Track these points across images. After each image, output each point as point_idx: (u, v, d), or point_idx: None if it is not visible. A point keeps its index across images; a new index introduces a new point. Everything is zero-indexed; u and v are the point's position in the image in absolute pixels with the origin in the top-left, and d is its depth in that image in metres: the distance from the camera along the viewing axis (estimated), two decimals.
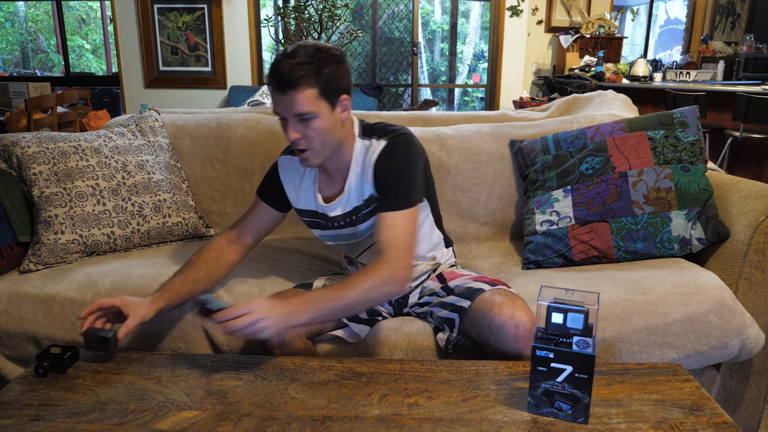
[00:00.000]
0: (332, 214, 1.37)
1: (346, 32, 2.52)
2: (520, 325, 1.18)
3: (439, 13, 8.23)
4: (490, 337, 1.22)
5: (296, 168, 1.40)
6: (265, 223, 1.44)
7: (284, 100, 1.17)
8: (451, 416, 0.98)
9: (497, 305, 1.22)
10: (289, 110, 1.18)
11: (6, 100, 4.43)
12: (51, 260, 1.62)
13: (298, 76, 1.14)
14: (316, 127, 1.20)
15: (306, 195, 1.40)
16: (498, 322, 1.20)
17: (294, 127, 1.20)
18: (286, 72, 1.14)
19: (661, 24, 8.97)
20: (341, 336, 1.36)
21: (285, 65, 1.15)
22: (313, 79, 1.16)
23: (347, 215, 1.36)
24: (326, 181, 1.38)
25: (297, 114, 1.18)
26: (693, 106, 1.73)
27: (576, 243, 1.60)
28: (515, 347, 1.18)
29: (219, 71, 5.56)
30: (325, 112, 1.20)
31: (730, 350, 1.35)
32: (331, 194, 1.37)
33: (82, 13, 9.05)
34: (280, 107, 1.19)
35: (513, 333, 1.18)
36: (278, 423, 0.96)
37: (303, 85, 1.15)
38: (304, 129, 1.20)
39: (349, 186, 1.33)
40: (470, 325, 1.28)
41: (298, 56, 1.15)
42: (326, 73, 1.17)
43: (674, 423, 0.95)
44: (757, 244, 1.40)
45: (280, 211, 1.44)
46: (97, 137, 1.83)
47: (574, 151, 1.73)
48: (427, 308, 1.41)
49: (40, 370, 1.11)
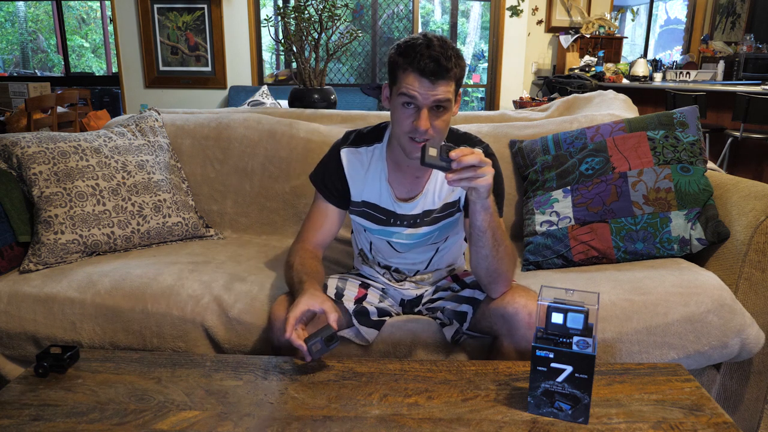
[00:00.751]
0: (403, 212, 1.36)
1: (346, 32, 2.51)
2: (533, 314, 1.19)
3: (439, 13, 8.23)
4: (503, 327, 1.22)
5: (361, 161, 1.37)
6: (335, 228, 1.41)
7: (430, 88, 1.15)
8: (451, 416, 0.98)
9: (510, 295, 1.23)
10: (430, 98, 1.16)
11: (6, 100, 4.43)
12: (51, 260, 1.62)
13: (451, 66, 1.15)
14: (446, 118, 1.20)
15: (372, 188, 1.37)
16: (511, 310, 1.21)
17: (427, 117, 1.18)
18: (444, 61, 1.14)
19: (661, 24, 8.97)
20: (348, 337, 1.36)
21: (438, 53, 1.14)
22: (457, 70, 1.17)
23: (418, 216, 1.36)
24: (398, 178, 1.35)
25: (437, 102, 1.16)
26: (693, 106, 1.73)
27: (576, 243, 1.60)
28: (527, 336, 1.19)
29: (219, 71, 5.56)
30: (452, 106, 1.21)
31: (730, 350, 1.35)
32: (404, 192, 1.36)
33: (82, 12, 9.05)
34: (422, 95, 1.16)
35: (526, 321, 1.19)
36: (278, 423, 0.96)
37: (451, 75, 1.16)
38: (433, 119, 1.19)
39: (430, 188, 1.33)
40: (482, 316, 1.28)
41: (445, 47, 1.16)
42: (462, 66, 1.19)
43: (674, 423, 0.95)
44: (757, 244, 1.40)
45: (344, 209, 1.42)
46: (97, 137, 1.83)
47: (574, 152, 1.73)
48: (439, 303, 1.41)
49: (40, 370, 1.11)
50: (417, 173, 1.34)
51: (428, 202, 1.35)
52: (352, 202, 1.40)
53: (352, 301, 1.39)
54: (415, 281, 1.48)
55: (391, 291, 1.49)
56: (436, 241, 1.41)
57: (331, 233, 1.41)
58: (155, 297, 1.46)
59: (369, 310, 1.38)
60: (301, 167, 1.95)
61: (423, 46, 1.15)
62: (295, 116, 2.15)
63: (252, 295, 1.46)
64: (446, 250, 1.45)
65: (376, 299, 1.44)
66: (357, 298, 1.41)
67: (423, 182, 1.34)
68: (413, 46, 1.15)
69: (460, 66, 1.18)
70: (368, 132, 1.39)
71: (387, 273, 1.48)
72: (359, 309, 1.38)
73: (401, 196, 1.35)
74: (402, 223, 1.37)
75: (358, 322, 1.36)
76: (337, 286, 1.42)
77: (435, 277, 1.49)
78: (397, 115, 1.21)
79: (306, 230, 1.40)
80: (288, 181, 1.96)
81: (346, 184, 1.38)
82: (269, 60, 6.32)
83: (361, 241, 1.49)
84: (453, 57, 1.16)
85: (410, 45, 1.16)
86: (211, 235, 1.93)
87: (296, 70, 2.73)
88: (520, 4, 5.79)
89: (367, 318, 1.37)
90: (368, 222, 1.40)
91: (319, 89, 2.49)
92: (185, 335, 1.44)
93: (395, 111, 1.21)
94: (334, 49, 2.49)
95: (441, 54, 1.14)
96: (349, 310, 1.37)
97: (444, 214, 1.36)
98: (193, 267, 1.58)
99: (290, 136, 1.99)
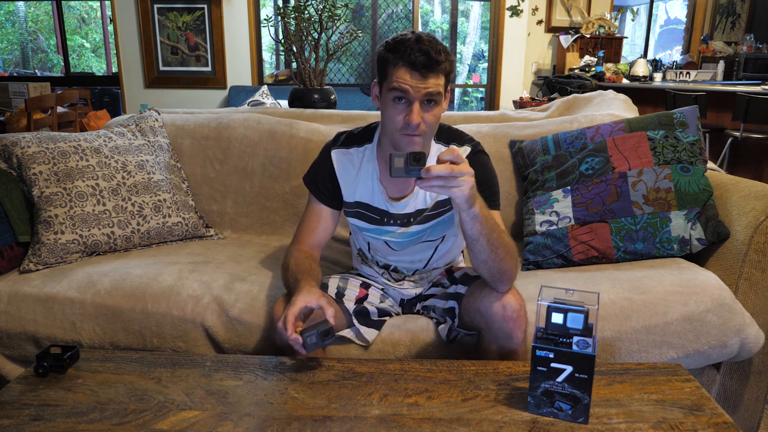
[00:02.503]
0: (396, 211, 1.36)
1: (346, 32, 2.52)
2: (507, 306, 1.19)
3: (438, 13, 8.23)
4: (481, 321, 1.23)
5: (351, 161, 1.38)
6: (330, 229, 1.41)
7: (421, 80, 1.16)
8: (451, 416, 0.98)
9: (487, 288, 1.23)
10: (421, 91, 1.16)
11: (6, 100, 4.43)
12: (51, 260, 1.62)
13: (441, 60, 1.15)
14: (437, 112, 1.20)
15: (364, 188, 1.37)
16: (486, 303, 1.21)
17: (419, 111, 1.18)
18: (434, 54, 1.14)
19: (661, 24, 8.97)
20: (348, 337, 1.36)
21: (430, 47, 1.15)
22: (447, 65, 1.18)
23: (411, 215, 1.36)
24: (389, 177, 1.34)
25: (429, 95, 1.17)
26: (693, 106, 1.73)
27: (575, 243, 1.60)
28: (504, 329, 1.19)
29: (219, 71, 5.55)
30: (443, 101, 1.21)
31: (729, 350, 1.35)
32: (396, 191, 1.36)
33: (83, 12, 9.05)
34: (413, 88, 1.16)
35: (501, 314, 1.19)
36: (278, 423, 0.96)
37: (441, 69, 1.17)
38: (425, 114, 1.19)
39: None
40: (464, 311, 1.29)
41: (434, 42, 1.17)
42: (452, 60, 1.20)
43: (674, 423, 0.95)
44: (757, 244, 1.40)
45: (338, 210, 1.42)
46: (97, 137, 1.83)
47: (573, 152, 1.73)
48: (431, 301, 1.42)
49: (40, 370, 1.11)
50: None
51: (420, 201, 1.35)
52: (345, 203, 1.40)
53: (353, 301, 1.40)
54: (414, 280, 1.48)
55: (390, 291, 1.49)
56: (431, 239, 1.41)
57: (326, 234, 1.41)
58: (155, 297, 1.46)
59: (369, 310, 1.38)
60: (301, 167, 1.95)
61: (413, 41, 1.15)
62: (295, 116, 2.15)
63: (252, 295, 1.46)
64: (444, 250, 1.45)
65: (377, 299, 1.44)
66: (358, 297, 1.41)
67: (413, 181, 1.33)
68: (403, 42, 1.16)
69: (449, 60, 1.18)
70: (358, 133, 1.39)
71: (386, 273, 1.48)
72: (359, 309, 1.38)
73: (394, 196, 1.36)
74: (395, 222, 1.37)
75: (359, 321, 1.36)
76: (338, 286, 1.42)
77: (434, 276, 1.49)
78: (389, 112, 1.20)
79: (301, 232, 1.40)
80: (288, 181, 1.96)
81: (337, 185, 1.38)
82: (269, 60, 6.32)
83: (359, 241, 1.49)
84: (442, 51, 1.16)
85: (400, 41, 1.17)
86: (211, 235, 1.93)
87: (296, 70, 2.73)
88: (520, 4, 5.79)
89: (367, 318, 1.37)
90: (362, 222, 1.40)
91: (319, 89, 2.49)
92: (185, 335, 1.44)
93: (386, 108, 1.21)
94: (334, 49, 2.49)
95: (431, 47, 1.14)
96: (349, 310, 1.37)
97: (436, 212, 1.36)
98: (193, 267, 1.58)
99: (290, 136, 2.00)
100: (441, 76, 1.17)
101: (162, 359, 1.19)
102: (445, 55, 1.17)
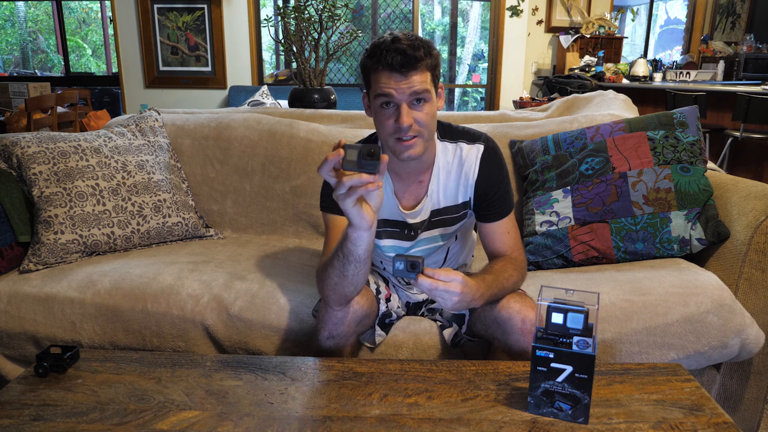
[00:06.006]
0: (413, 220, 1.32)
1: (346, 32, 2.52)
2: (527, 320, 1.19)
3: (438, 13, 8.23)
4: (497, 331, 1.22)
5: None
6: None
7: (403, 81, 1.12)
8: (451, 416, 0.98)
9: (505, 299, 1.22)
10: (406, 92, 1.12)
11: (6, 100, 4.43)
12: (51, 260, 1.62)
13: (419, 56, 1.12)
14: (429, 110, 1.16)
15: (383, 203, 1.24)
16: (505, 314, 1.20)
17: (408, 112, 1.14)
18: (410, 52, 1.10)
19: (661, 24, 8.97)
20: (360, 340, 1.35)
21: (405, 45, 1.11)
22: (429, 60, 1.14)
23: (426, 220, 1.32)
24: (402, 187, 1.31)
25: (415, 94, 1.13)
26: (693, 107, 1.73)
27: (575, 244, 1.60)
28: (520, 341, 1.18)
29: (219, 71, 5.55)
30: (434, 97, 1.18)
31: (729, 350, 1.35)
32: (410, 199, 1.31)
33: (82, 13, 9.05)
34: (397, 90, 1.12)
35: (519, 327, 1.18)
36: (278, 423, 0.96)
37: (422, 66, 1.13)
38: (415, 114, 1.15)
39: (433, 189, 1.30)
40: (477, 318, 1.28)
41: (413, 38, 1.13)
42: (435, 55, 1.16)
43: (674, 423, 0.95)
44: (757, 244, 1.40)
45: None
46: (97, 137, 1.83)
47: (573, 152, 1.73)
48: (438, 304, 1.41)
49: (40, 370, 1.11)
50: (418, 177, 1.30)
51: (436, 204, 1.31)
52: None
53: (383, 299, 1.37)
54: None
55: (399, 291, 1.48)
56: (444, 242, 1.38)
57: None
58: (155, 296, 1.46)
59: (391, 314, 1.37)
60: (301, 167, 1.95)
61: (388, 42, 1.13)
62: (295, 116, 2.15)
63: (252, 293, 1.46)
64: (456, 249, 1.43)
65: (395, 303, 1.42)
66: (387, 297, 1.40)
67: (426, 185, 1.31)
68: (379, 45, 1.13)
69: (431, 55, 1.15)
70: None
71: (397, 278, 1.46)
72: (387, 312, 1.36)
73: (408, 205, 1.32)
74: (416, 233, 1.33)
75: (378, 323, 1.35)
76: (376, 282, 1.39)
77: None
78: (380, 119, 1.17)
79: (328, 246, 1.29)
80: (288, 181, 1.96)
81: None
82: (269, 60, 6.32)
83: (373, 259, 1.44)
84: (422, 47, 1.13)
85: (376, 45, 1.14)
86: (211, 234, 1.93)
87: (296, 70, 2.73)
88: (520, 4, 5.78)
89: (382, 320, 1.36)
90: (394, 240, 1.34)
91: (319, 89, 2.49)
92: (185, 334, 1.44)
93: (376, 116, 1.18)
94: (334, 49, 2.49)
95: (408, 45, 1.11)
96: (380, 311, 1.35)
97: (453, 216, 1.33)
98: (193, 266, 1.58)
99: (290, 136, 2.00)
100: (425, 72, 1.14)
101: (162, 359, 1.18)
102: (425, 51, 1.13)
